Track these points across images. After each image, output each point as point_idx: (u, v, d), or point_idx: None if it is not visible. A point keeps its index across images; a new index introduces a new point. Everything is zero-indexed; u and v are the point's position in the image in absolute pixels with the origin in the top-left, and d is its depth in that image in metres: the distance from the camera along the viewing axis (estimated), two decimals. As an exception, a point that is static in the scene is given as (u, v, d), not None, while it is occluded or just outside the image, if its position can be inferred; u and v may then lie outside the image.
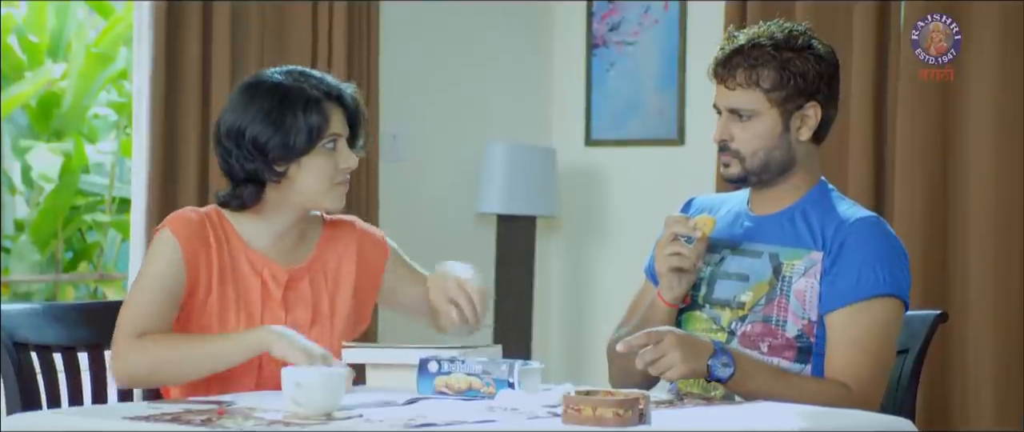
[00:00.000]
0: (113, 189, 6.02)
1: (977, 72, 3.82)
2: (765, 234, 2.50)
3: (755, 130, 2.47)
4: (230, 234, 2.45)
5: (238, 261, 2.44)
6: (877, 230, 2.47)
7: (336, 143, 2.43)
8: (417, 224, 4.60)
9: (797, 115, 2.49)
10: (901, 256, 2.47)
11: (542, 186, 4.60)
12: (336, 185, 2.44)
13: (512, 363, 2.25)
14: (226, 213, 2.47)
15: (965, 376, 3.82)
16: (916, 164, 3.87)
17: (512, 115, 4.84)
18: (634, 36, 4.70)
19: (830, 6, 4.05)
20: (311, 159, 2.41)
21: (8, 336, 2.43)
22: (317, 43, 4.25)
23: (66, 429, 2.07)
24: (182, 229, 2.41)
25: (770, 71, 2.46)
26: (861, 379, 2.38)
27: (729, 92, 2.48)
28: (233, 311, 2.42)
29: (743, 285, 2.47)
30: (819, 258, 2.44)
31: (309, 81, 2.45)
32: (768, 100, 2.47)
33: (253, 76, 2.50)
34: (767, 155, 2.48)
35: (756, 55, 2.47)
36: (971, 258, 3.82)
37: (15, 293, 5.91)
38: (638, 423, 1.98)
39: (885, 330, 2.42)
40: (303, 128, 2.39)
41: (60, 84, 5.91)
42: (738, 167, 2.49)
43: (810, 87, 2.48)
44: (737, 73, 2.47)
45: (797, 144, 2.50)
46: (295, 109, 2.39)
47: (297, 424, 1.94)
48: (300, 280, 2.47)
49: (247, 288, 2.43)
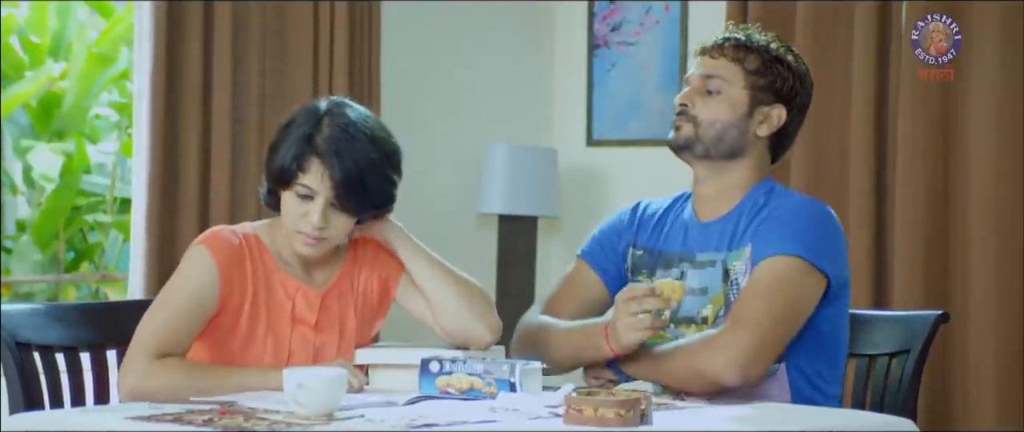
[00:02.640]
0: (114, 189, 6.02)
1: (978, 72, 3.82)
2: (713, 240, 2.47)
3: (720, 105, 2.48)
4: (265, 258, 2.42)
5: (272, 285, 2.41)
6: (803, 206, 2.45)
7: (313, 196, 2.35)
8: (419, 225, 4.56)
9: (763, 110, 2.49)
10: (826, 232, 2.42)
11: (543, 186, 4.60)
12: (297, 233, 2.37)
13: (514, 363, 2.25)
14: (262, 235, 2.44)
15: (966, 376, 3.81)
16: (917, 165, 3.87)
17: (513, 116, 4.84)
18: (635, 36, 4.70)
19: (831, 6, 4.05)
20: (287, 195, 2.37)
21: (10, 336, 2.43)
22: (318, 43, 4.25)
23: (69, 429, 2.07)
24: (221, 252, 2.37)
25: (757, 58, 2.50)
26: (749, 320, 2.30)
27: (711, 61, 2.51)
28: (260, 336, 2.39)
29: (704, 299, 2.44)
30: (751, 248, 2.42)
31: (331, 125, 2.35)
32: (745, 79, 2.49)
33: (323, 97, 2.46)
34: (723, 130, 2.48)
35: (749, 44, 2.51)
36: (972, 259, 3.82)
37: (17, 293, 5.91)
38: (639, 423, 1.98)
39: (786, 284, 2.34)
40: (278, 165, 2.36)
41: (61, 84, 5.91)
42: (690, 129, 2.49)
43: (786, 92, 2.51)
44: (726, 48, 2.51)
45: (753, 136, 2.50)
46: (289, 143, 2.35)
47: (299, 424, 1.94)
48: (330, 298, 2.46)
49: (278, 313, 2.41)
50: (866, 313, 2.75)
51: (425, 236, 4.79)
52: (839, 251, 2.45)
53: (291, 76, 4.19)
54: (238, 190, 4.05)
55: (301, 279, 2.44)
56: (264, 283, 2.40)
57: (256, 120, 4.10)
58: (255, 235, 2.43)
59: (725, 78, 2.49)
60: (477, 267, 4.77)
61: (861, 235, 3.95)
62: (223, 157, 4.04)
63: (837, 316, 2.48)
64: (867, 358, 2.62)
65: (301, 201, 2.35)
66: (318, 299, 2.43)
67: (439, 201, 4.66)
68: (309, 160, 2.34)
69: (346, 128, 2.36)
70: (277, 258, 2.43)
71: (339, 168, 2.33)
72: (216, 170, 4.04)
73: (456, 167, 4.69)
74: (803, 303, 2.38)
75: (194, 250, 2.38)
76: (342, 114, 2.38)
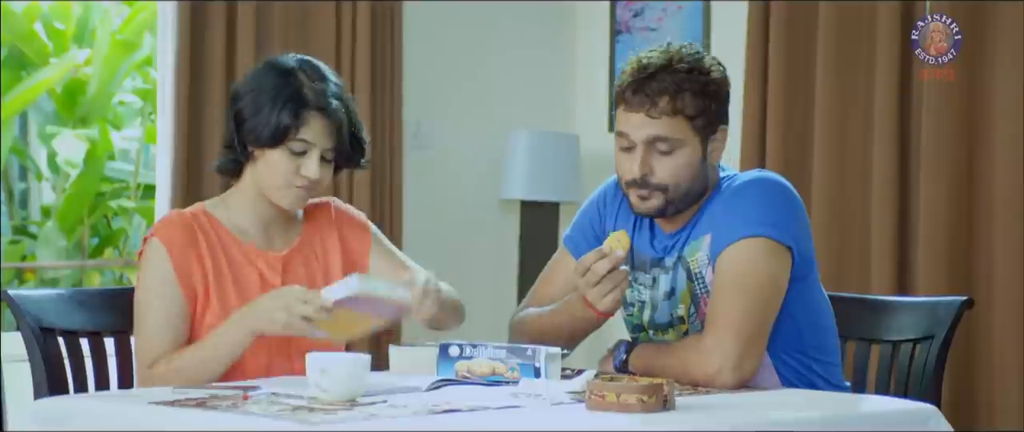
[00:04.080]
0: (138, 175, 6.05)
1: (1003, 60, 3.80)
2: (679, 243, 2.41)
3: (677, 161, 2.33)
4: (219, 231, 2.45)
5: (232, 256, 2.44)
6: (755, 183, 2.35)
7: (307, 150, 2.39)
8: (441, 211, 4.60)
9: (712, 141, 2.37)
10: (782, 205, 2.33)
11: (565, 172, 4.60)
12: (293, 187, 2.41)
13: (536, 348, 2.25)
14: (212, 210, 2.47)
15: (991, 363, 3.80)
16: (942, 151, 3.85)
17: (535, 102, 4.83)
18: (658, 22, 4.68)
19: (855, 5, 4.03)
20: (274, 153, 2.39)
21: (35, 321, 2.44)
22: (341, 28, 4.26)
23: (93, 413, 2.08)
24: (169, 235, 2.40)
25: (692, 97, 2.31)
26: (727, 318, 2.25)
27: (652, 121, 2.31)
28: (233, 305, 2.41)
29: (675, 300, 2.41)
30: (709, 238, 2.36)
31: (312, 80, 2.41)
32: (691, 128, 2.32)
33: (279, 54, 2.50)
34: (689, 185, 2.35)
35: (677, 81, 2.31)
36: (997, 245, 3.80)
37: (42, 279, 5.95)
38: (662, 409, 1.97)
39: (753, 270, 2.27)
40: (272, 123, 2.37)
41: (85, 71, 5.94)
42: (659, 200, 2.35)
43: (722, 110, 2.37)
44: (660, 100, 2.31)
45: (711, 168, 2.39)
46: (276, 102, 2.37)
47: (321, 409, 1.95)
48: (293, 262, 2.48)
49: (246, 282, 2.43)
50: (890, 299, 2.74)
51: (448, 222, 4.80)
52: (800, 221, 2.35)
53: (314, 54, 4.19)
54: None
55: (261, 247, 2.47)
56: (224, 254, 2.43)
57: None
58: (204, 210, 2.47)
59: (674, 137, 2.32)
60: (499, 253, 4.79)
61: (885, 221, 3.93)
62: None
63: (807, 295, 2.40)
64: (891, 344, 2.61)
65: (292, 157, 2.39)
66: (279, 262, 2.46)
67: (461, 187, 4.66)
68: (307, 114, 2.37)
69: (329, 80, 2.42)
70: (234, 229, 2.46)
71: (339, 118, 2.39)
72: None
73: (478, 153, 4.69)
74: (776, 283, 2.31)
75: (146, 245, 2.42)
76: (315, 67, 2.44)
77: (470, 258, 4.62)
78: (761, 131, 4.18)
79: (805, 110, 4.12)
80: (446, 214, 4.58)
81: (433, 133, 4.60)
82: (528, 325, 2.51)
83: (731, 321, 2.26)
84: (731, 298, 2.27)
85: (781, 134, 4.14)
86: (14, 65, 5.81)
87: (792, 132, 4.13)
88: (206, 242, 2.42)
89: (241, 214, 2.48)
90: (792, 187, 2.39)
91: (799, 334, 2.40)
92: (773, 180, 2.38)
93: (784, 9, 4.12)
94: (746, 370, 2.26)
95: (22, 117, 6.16)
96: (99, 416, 2.04)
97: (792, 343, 2.39)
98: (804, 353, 2.41)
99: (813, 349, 2.42)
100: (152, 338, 2.38)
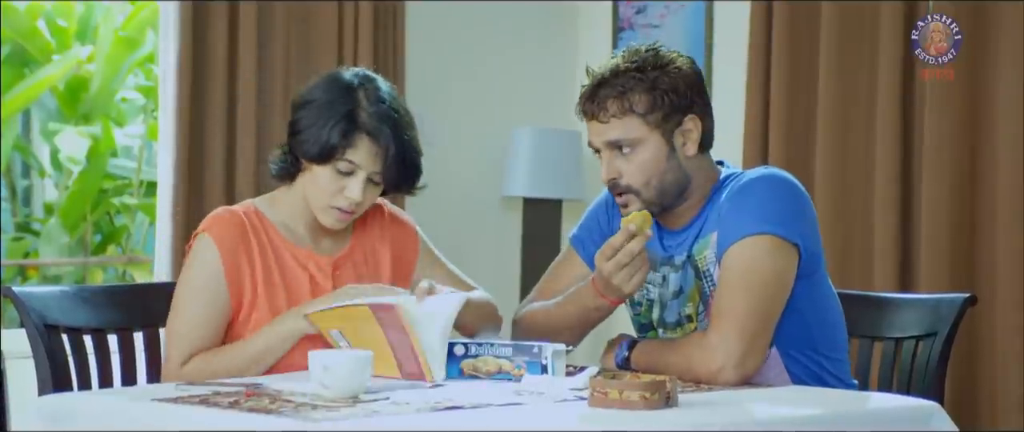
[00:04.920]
0: (141, 172, 6.05)
1: (1004, 60, 3.80)
2: (687, 241, 2.42)
3: (641, 159, 2.37)
4: (270, 232, 2.44)
5: (283, 258, 2.43)
6: (761, 180, 2.36)
7: (354, 172, 2.38)
8: (444, 208, 4.60)
9: (679, 133, 2.39)
10: (788, 201, 2.34)
11: (568, 169, 4.60)
12: (332, 208, 2.40)
13: (542, 345, 2.25)
14: (263, 209, 2.46)
15: (993, 360, 3.80)
16: (944, 149, 3.85)
17: (538, 99, 4.83)
18: (660, 19, 4.68)
19: (857, 5, 4.03)
20: (321, 169, 2.39)
21: (39, 318, 2.44)
22: (343, 26, 4.26)
23: (96, 410, 2.08)
24: (222, 233, 2.39)
25: (641, 94, 2.36)
26: (732, 315, 2.25)
27: (604, 126, 2.38)
28: (281, 307, 2.40)
29: (683, 299, 2.42)
30: (716, 235, 2.37)
31: (369, 102, 2.38)
32: (646, 124, 2.37)
33: (344, 68, 2.47)
34: (660, 182, 2.38)
35: (622, 82, 2.37)
36: (999, 243, 3.80)
37: (44, 276, 5.96)
38: (664, 406, 1.98)
39: (759, 267, 2.28)
40: (322, 140, 2.36)
41: (88, 67, 5.94)
42: (636, 203, 2.39)
43: (684, 101, 2.39)
44: (608, 104, 2.37)
45: (687, 161, 2.40)
46: (329, 120, 2.36)
47: (324, 406, 1.95)
48: (344, 266, 2.47)
49: (297, 285, 2.43)
50: (893, 296, 2.74)
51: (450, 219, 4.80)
52: (807, 218, 2.36)
53: (316, 49, 4.20)
54: (263, 173, 4.06)
55: (310, 248, 2.46)
56: (274, 255, 2.42)
57: (281, 105, 4.11)
58: (256, 209, 2.46)
59: (628, 135, 2.37)
60: (501, 250, 4.79)
61: (887, 220, 3.93)
62: (248, 141, 4.06)
63: (815, 292, 2.41)
64: (894, 341, 2.61)
65: (339, 176, 2.38)
66: (329, 265, 2.45)
67: (464, 184, 4.66)
68: (357, 137, 2.35)
69: (386, 104, 2.39)
70: (283, 229, 2.45)
71: (392, 145, 2.36)
72: (242, 155, 4.05)
73: (481, 150, 4.69)
74: (781, 280, 2.32)
75: (196, 241, 2.41)
76: (376, 88, 2.41)
77: (473, 255, 4.61)
78: (763, 130, 4.18)
79: (807, 109, 4.12)
80: (449, 211, 4.57)
81: (436, 130, 4.60)
82: (535, 319, 2.51)
83: (735, 318, 2.26)
84: (735, 295, 2.28)
85: (783, 133, 4.14)
86: (17, 62, 5.81)
87: (794, 131, 4.14)
88: (257, 242, 2.41)
89: (291, 215, 2.47)
90: (799, 183, 2.40)
91: (808, 331, 2.40)
92: (780, 177, 2.39)
93: (786, 8, 4.12)
94: (749, 367, 2.26)
95: (25, 114, 6.17)
96: (103, 413, 2.05)
97: (801, 340, 2.40)
98: (814, 350, 2.42)
99: (823, 346, 2.43)
100: (187, 335, 2.36)
